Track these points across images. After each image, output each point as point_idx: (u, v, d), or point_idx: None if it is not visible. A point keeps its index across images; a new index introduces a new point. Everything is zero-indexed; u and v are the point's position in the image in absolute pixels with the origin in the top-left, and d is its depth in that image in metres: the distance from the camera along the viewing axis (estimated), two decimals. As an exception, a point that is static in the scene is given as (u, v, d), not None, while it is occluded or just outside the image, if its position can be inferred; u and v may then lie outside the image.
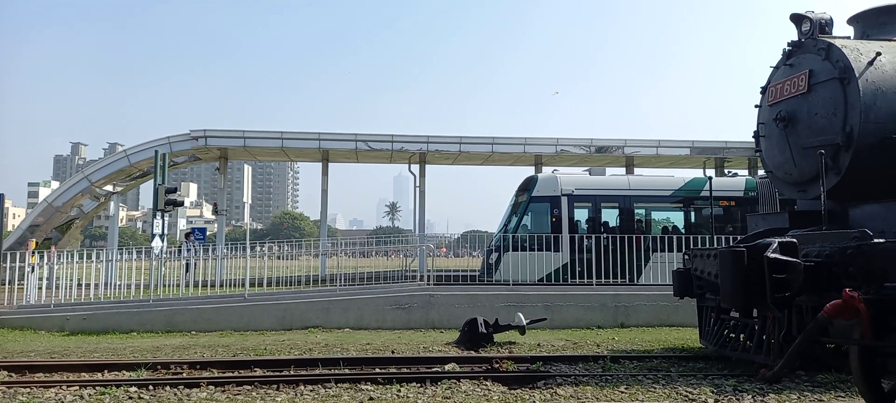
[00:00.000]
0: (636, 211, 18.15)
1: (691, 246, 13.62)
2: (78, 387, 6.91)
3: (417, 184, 25.79)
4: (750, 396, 6.49)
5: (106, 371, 7.83)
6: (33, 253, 13.72)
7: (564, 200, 17.22)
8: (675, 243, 13.92)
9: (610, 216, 18.23)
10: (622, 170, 25.64)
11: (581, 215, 17.91)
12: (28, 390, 6.74)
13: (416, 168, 25.73)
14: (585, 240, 15.83)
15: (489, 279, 16.23)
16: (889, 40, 7.58)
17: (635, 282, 14.82)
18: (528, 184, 18.01)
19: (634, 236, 14.98)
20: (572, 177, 18.40)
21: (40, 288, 13.50)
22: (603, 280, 13.67)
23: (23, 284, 13.60)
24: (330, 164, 26.09)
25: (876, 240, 5.44)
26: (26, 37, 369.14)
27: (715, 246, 14.55)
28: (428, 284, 13.70)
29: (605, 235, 14.43)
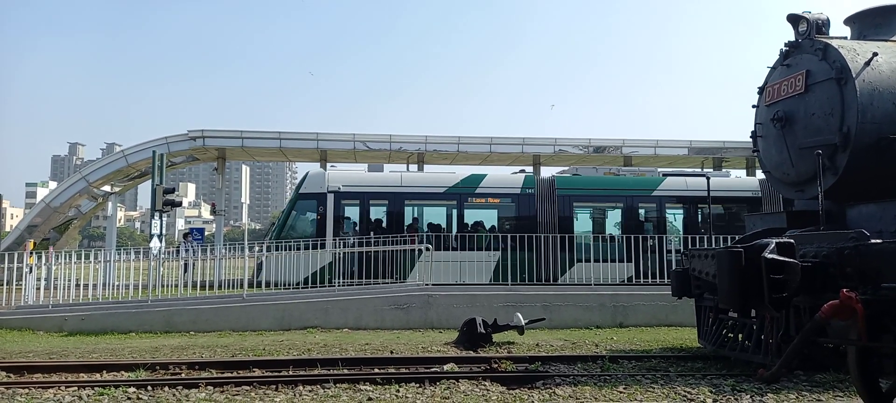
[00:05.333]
0: (407, 209, 17.63)
1: (463, 244, 13.51)
2: (76, 388, 6.91)
3: (416, 184, 25.74)
4: (748, 396, 6.51)
5: (104, 372, 7.83)
6: (31, 253, 13.71)
7: (331, 197, 16.81)
8: (449, 241, 13.85)
9: (380, 214, 17.69)
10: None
11: (350, 213, 17.43)
12: (26, 390, 6.74)
13: (414, 168, 25.72)
14: (353, 239, 15.44)
15: (258, 283, 15.15)
16: (885, 41, 7.60)
17: (404, 282, 14.40)
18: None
19: (405, 236, 14.80)
20: (343, 173, 17.94)
21: (38, 289, 13.49)
22: (370, 280, 13.44)
23: (21, 285, 13.58)
24: (328, 165, 26.09)
25: (873, 241, 5.45)
26: (26, 42, 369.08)
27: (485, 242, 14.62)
28: (426, 284, 13.70)
29: (374, 235, 14.11)
